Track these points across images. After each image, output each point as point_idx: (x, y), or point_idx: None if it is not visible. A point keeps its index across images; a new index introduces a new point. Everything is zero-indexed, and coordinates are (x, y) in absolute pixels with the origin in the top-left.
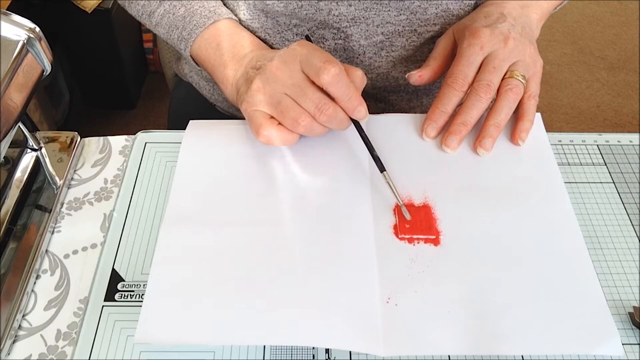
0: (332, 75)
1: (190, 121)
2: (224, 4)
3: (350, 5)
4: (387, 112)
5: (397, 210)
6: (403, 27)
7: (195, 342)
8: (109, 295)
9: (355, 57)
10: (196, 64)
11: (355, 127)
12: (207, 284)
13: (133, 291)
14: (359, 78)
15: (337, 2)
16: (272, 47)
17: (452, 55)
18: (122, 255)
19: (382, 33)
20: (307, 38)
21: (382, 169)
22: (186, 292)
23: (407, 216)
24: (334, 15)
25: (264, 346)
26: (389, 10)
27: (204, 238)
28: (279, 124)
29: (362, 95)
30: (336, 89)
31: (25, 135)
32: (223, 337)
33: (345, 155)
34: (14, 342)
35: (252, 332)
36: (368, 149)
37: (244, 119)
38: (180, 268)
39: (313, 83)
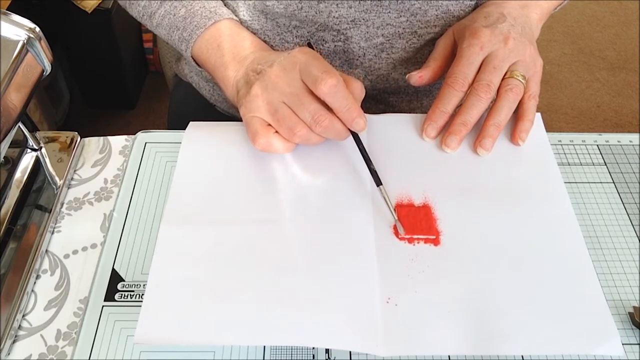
0: (329, 86)
1: (190, 122)
2: (225, 5)
3: (350, 7)
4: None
5: (397, 210)
6: (403, 29)
7: (195, 343)
8: (109, 295)
9: (355, 59)
10: (197, 64)
11: (354, 139)
12: (207, 284)
13: (133, 291)
14: (359, 89)
15: (337, 4)
16: (272, 48)
17: (452, 56)
18: (122, 255)
19: (382, 35)
20: (309, 45)
21: (378, 183)
22: (186, 292)
23: (402, 232)
24: (334, 17)
25: (264, 346)
26: (389, 12)
27: (203, 237)
28: (276, 132)
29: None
30: (334, 99)
31: (25, 135)
32: (223, 338)
33: (345, 155)
34: (14, 342)
35: (252, 333)
36: (365, 162)
37: None
38: (180, 268)
39: (311, 92)
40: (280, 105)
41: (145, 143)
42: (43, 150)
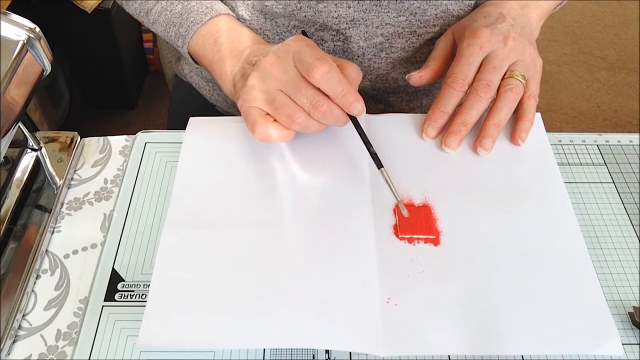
0: (321, 73)
1: (191, 118)
2: (222, 1)
3: (349, 7)
4: (387, 113)
5: (397, 209)
6: (402, 28)
7: (198, 347)
8: (109, 295)
9: (354, 59)
10: (194, 61)
11: (353, 123)
12: (208, 289)
13: (133, 291)
14: (355, 73)
15: (336, 4)
16: None
17: (452, 56)
18: (122, 255)
19: (382, 34)
20: (304, 33)
21: (379, 165)
22: (188, 297)
23: (405, 213)
24: (333, 17)
25: None
26: (388, 12)
27: (205, 242)
28: (275, 120)
29: (362, 96)
30: (328, 86)
31: (25, 135)
32: (225, 341)
33: (345, 154)
34: (14, 342)
35: (254, 336)
36: (365, 145)
37: None
38: (182, 273)
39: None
40: (278, 93)
41: (145, 143)
42: (43, 150)
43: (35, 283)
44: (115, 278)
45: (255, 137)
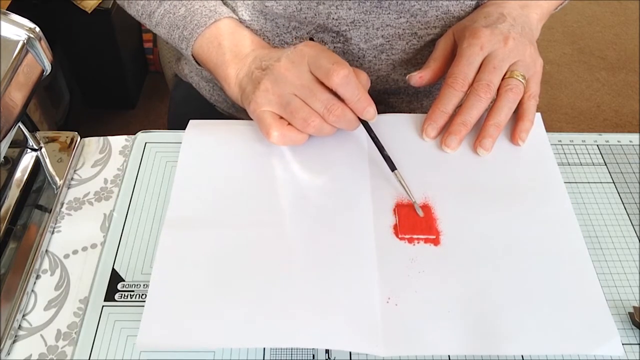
0: (341, 76)
1: (190, 121)
2: (224, 4)
3: (350, 9)
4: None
5: (397, 210)
6: (403, 30)
7: (196, 347)
8: (109, 295)
9: (354, 61)
10: (197, 63)
11: (364, 127)
12: (208, 288)
13: (133, 291)
14: (365, 79)
15: (336, 6)
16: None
17: (452, 56)
18: (122, 255)
19: (382, 36)
20: (311, 39)
21: (393, 168)
22: (187, 297)
23: (420, 213)
24: (334, 18)
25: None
26: (389, 14)
27: (204, 241)
28: (289, 124)
29: None
30: (346, 90)
31: (25, 135)
32: (225, 341)
33: (345, 155)
34: (14, 342)
35: (254, 335)
36: (378, 149)
37: (243, 119)
38: (181, 272)
39: (321, 84)
40: (292, 97)
41: (145, 143)
42: (43, 150)
43: (35, 283)
44: (115, 278)
45: (270, 141)
